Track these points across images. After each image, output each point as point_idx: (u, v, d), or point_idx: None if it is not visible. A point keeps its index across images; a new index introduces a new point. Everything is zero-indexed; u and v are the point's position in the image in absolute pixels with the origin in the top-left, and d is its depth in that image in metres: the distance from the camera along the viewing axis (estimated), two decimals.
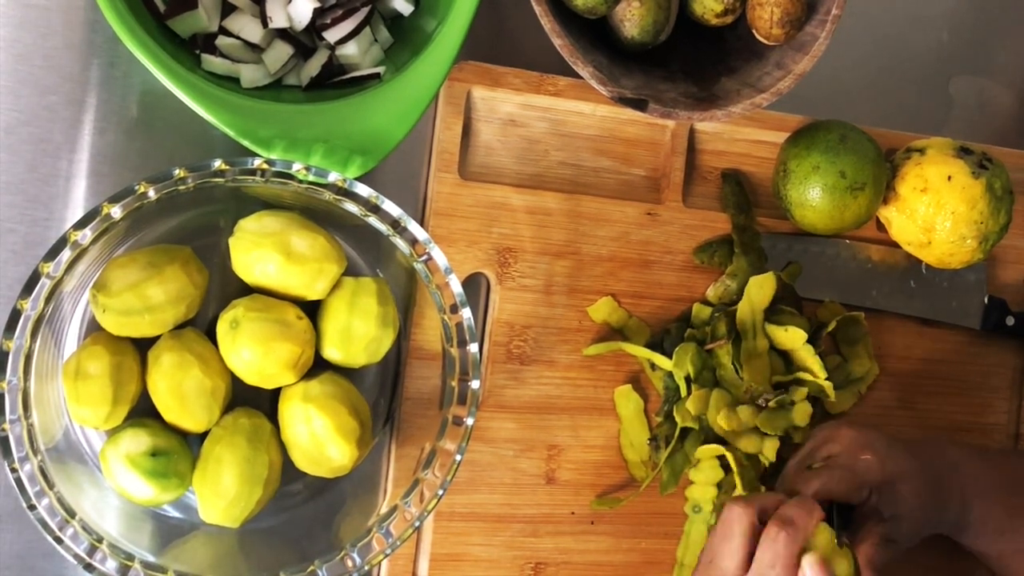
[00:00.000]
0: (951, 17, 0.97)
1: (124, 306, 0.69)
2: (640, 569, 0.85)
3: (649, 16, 0.78)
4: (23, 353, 0.64)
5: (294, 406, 0.72)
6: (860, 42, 0.94)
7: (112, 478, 0.70)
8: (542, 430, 0.83)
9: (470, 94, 0.81)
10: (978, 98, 0.98)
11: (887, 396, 0.91)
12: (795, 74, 0.77)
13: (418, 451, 0.74)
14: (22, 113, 0.73)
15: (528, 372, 0.83)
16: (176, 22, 0.73)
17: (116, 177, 0.75)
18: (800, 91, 0.79)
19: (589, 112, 0.84)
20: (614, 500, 0.83)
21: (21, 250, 0.74)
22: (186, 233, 0.74)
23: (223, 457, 0.71)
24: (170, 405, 0.71)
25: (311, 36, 0.76)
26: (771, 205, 0.88)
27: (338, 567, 0.69)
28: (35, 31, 0.73)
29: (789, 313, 0.85)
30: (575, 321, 0.84)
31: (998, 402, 0.94)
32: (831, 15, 0.77)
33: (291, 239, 0.72)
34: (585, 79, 0.75)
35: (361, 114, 0.72)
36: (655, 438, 0.84)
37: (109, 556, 0.66)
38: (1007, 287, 0.94)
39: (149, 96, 0.75)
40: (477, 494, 0.81)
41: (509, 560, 0.82)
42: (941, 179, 0.83)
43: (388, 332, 0.74)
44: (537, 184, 0.83)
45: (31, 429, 0.66)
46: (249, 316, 0.71)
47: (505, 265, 0.82)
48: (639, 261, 0.85)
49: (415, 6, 0.78)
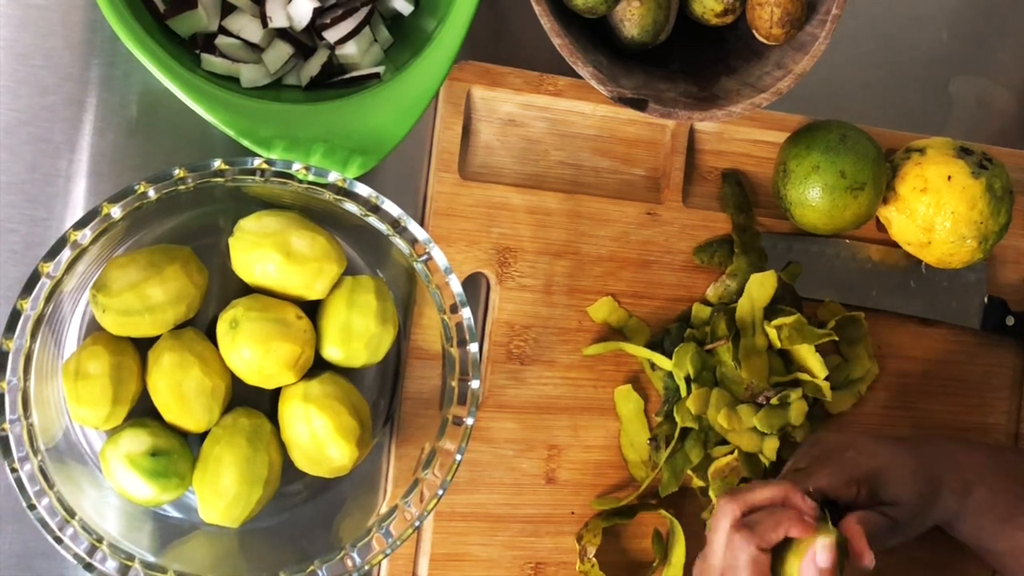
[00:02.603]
0: (951, 17, 0.97)
1: (124, 306, 0.69)
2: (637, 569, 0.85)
3: (649, 16, 0.78)
4: (23, 353, 0.64)
5: (294, 406, 0.72)
6: (860, 42, 0.94)
7: (112, 478, 0.70)
8: (542, 430, 0.83)
9: (470, 94, 0.81)
10: (978, 98, 0.98)
11: (887, 396, 0.91)
12: (795, 74, 0.77)
13: (418, 451, 0.74)
14: (22, 113, 0.74)
15: (528, 372, 0.83)
16: (176, 22, 0.73)
17: (116, 177, 0.75)
18: (800, 91, 0.79)
19: (589, 112, 0.84)
20: (614, 500, 0.83)
21: (21, 250, 0.74)
22: (186, 233, 0.74)
23: (223, 457, 0.71)
24: (170, 405, 0.71)
25: (311, 36, 0.76)
26: (771, 205, 0.88)
27: (338, 567, 0.69)
28: (35, 31, 0.73)
29: (788, 313, 0.85)
30: (575, 321, 0.84)
31: (998, 402, 0.94)
32: (831, 15, 0.77)
33: (291, 239, 0.72)
34: (585, 79, 0.75)
35: (361, 114, 0.72)
36: (655, 438, 0.84)
37: (109, 556, 0.66)
38: (1007, 287, 0.94)
39: (149, 96, 0.75)
40: (477, 494, 0.81)
41: (509, 560, 0.82)
42: (941, 179, 0.84)
43: (388, 329, 0.74)
44: (537, 184, 0.83)
45: (31, 429, 0.66)
46: (249, 316, 0.71)
47: (505, 265, 0.82)
48: (639, 261, 0.85)
49: (415, 6, 0.78)
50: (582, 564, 0.82)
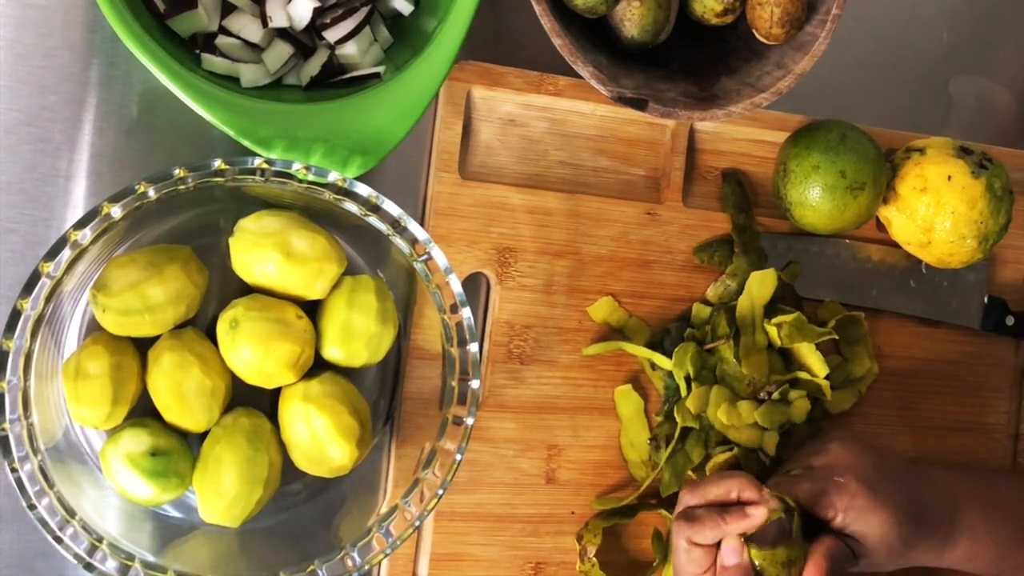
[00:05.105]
0: (951, 17, 0.97)
1: (124, 306, 0.69)
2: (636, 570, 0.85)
3: (649, 16, 0.78)
4: (23, 353, 0.64)
5: (294, 406, 0.72)
6: (860, 42, 0.94)
7: (112, 478, 0.70)
8: (542, 430, 0.83)
9: (470, 94, 0.81)
10: (978, 98, 0.98)
11: (887, 396, 0.91)
12: (795, 74, 0.77)
13: (418, 451, 0.74)
14: (22, 113, 0.74)
15: (528, 372, 0.83)
16: (176, 22, 0.73)
17: (116, 177, 0.75)
18: (800, 91, 0.79)
19: (589, 112, 0.84)
20: (614, 500, 0.83)
21: (21, 250, 0.74)
22: (186, 233, 0.74)
23: (223, 457, 0.71)
24: (170, 405, 0.71)
25: (311, 36, 0.76)
26: (771, 205, 0.88)
27: (338, 567, 0.69)
28: (35, 31, 0.73)
29: (788, 312, 0.85)
30: (575, 321, 0.84)
31: (998, 402, 0.94)
32: (831, 15, 0.77)
33: (291, 239, 0.72)
34: (585, 79, 0.75)
35: (361, 114, 0.72)
36: (655, 438, 0.84)
37: (109, 556, 0.66)
38: (1007, 287, 0.94)
39: (149, 96, 0.75)
40: (477, 494, 0.81)
41: (509, 560, 0.82)
42: (941, 179, 0.83)
43: (388, 329, 0.74)
44: (537, 184, 0.83)
45: (31, 429, 0.66)
46: (249, 316, 0.71)
47: (505, 265, 0.82)
48: (639, 261, 0.85)
49: (415, 6, 0.78)
50: (582, 564, 0.82)
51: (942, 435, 0.93)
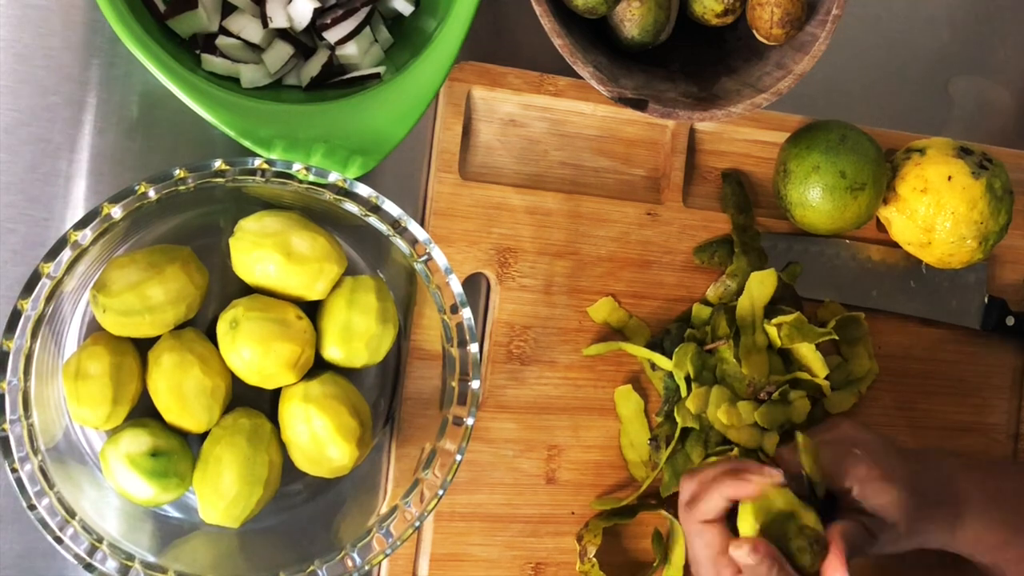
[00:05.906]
0: (951, 17, 0.97)
1: (124, 306, 0.69)
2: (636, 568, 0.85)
3: (649, 16, 0.78)
4: (23, 353, 0.64)
5: (294, 406, 0.72)
6: (860, 42, 0.94)
7: (112, 478, 0.70)
8: (542, 430, 0.83)
9: (470, 94, 0.81)
10: (978, 98, 0.98)
11: (887, 396, 0.91)
12: (795, 74, 0.77)
13: (418, 451, 0.74)
14: (22, 113, 0.74)
15: (528, 372, 0.83)
16: (176, 22, 0.73)
17: (116, 177, 0.75)
18: (800, 91, 0.79)
19: (589, 112, 0.84)
20: (614, 500, 0.83)
21: (21, 250, 0.74)
22: (186, 233, 0.74)
23: (223, 457, 0.71)
24: (170, 405, 0.71)
25: (311, 36, 0.76)
26: (771, 205, 0.88)
27: (338, 567, 0.69)
28: (35, 31, 0.73)
29: (788, 313, 0.85)
30: (575, 321, 0.84)
31: (998, 402, 0.94)
32: (831, 15, 0.77)
33: (291, 239, 0.72)
34: (585, 79, 0.75)
35: (361, 114, 0.72)
36: (655, 438, 0.84)
37: (109, 556, 0.66)
38: (1007, 287, 0.94)
39: (149, 96, 0.75)
40: (477, 494, 0.81)
41: (509, 560, 0.82)
42: (941, 179, 0.84)
43: (388, 329, 0.74)
44: (537, 184, 0.83)
45: (31, 429, 0.66)
46: (249, 316, 0.71)
47: (505, 265, 0.82)
48: (639, 261, 0.85)
49: (415, 6, 0.78)
50: (582, 564, 0.82)
51: (942, 435, 0.93)
